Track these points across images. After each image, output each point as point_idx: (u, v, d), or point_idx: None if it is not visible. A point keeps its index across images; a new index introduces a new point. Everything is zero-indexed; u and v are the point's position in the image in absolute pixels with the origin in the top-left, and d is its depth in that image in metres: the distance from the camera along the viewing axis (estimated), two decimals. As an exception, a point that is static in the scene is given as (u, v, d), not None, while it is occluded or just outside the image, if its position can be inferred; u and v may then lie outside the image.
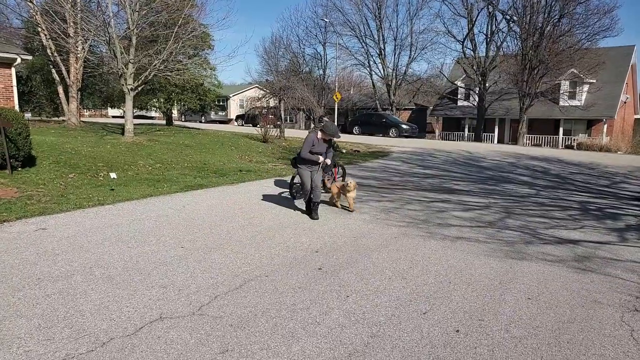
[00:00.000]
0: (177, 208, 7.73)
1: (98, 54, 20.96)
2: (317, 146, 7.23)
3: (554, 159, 18.50)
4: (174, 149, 15.12)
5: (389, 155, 18.36)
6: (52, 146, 11.90)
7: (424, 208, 8.42)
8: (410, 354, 3.30)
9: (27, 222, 6.43)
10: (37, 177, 8.92)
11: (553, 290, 4.56)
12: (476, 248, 5.94)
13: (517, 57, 30.32)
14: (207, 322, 3.68)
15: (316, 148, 7.23)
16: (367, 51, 40.86)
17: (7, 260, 4.88)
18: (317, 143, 7.23)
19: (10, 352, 3.13)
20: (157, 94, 24.71)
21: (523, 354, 3.34)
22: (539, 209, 8.56)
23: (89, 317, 3.69)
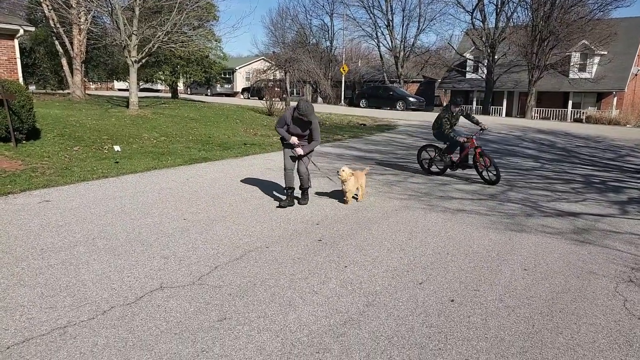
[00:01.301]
0: (180, 181, 7.79)
1: (101, 25, 20.75)
2: (293, 126, 6.28)
3: (561, 132, 18.29)
4: (178, 122, 15.11)
5: (395, 128, 18.24)
6: (56, 119, 11.94)
7: (426, 181, 8.41)
8: (404, 322, 3.36)
9: (31, 194, 6.52)
10: (41, 150, 8.99)
11: (549, 261, 4.58)
12: (476, 220, 5.96)
13: (527, 28, 29.61)
14: (206, 292, 3.76)
15: (292, 128, 6.30)
16: (375, 22, 40.16)
17: (11, 232, 4.98)
18: (290, 121, 6.27)
19: (14, 319, 3.23)
20: (162, 67, 24.51)
21: (516, 322, 3.39)
22: (542, 182, 8.52)
23: (91, 287, 3.77)
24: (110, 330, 3.13)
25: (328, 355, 2.92)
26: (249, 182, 7.83)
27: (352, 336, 3.15)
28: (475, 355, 2.97)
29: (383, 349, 3.01)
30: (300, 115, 6.09)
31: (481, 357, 2.95)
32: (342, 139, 14.51)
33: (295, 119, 6.21)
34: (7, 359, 2.77)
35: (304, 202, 6.61)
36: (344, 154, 11.41)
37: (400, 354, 2.96)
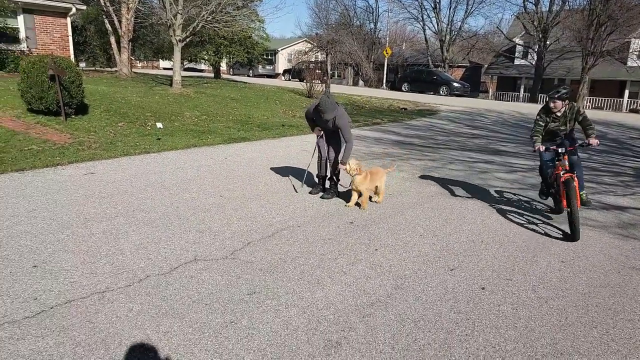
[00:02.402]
0: (219, 159, 7.95)
1: (148, 4, 21.20)
2: (319, 121, 5.78)
3: (614, 123, 17.34)
4: (219, 101, 15.35)
5: (436, 113, 17.84)
6: (103, 95, 12.39)
7: (466, 168, 8.22)
8: (432, 306, 3.34)
9: (78, 166, 6.84)
10: (88, 125, 9.38)
11: (590, 255, 4.41)
12: (515, 210, 5.78)
13: (584, 12, 27.93)
14: (238, 266, 3.85)
15: (318, 122, 5.85)
16: (421, 4, 39.10)
17: (58, 200, 5.25)
18: (316, 116, 5.76)
19: (57, 282, 3.43)
20: (205, 46, 24.86)
21: (547, 314, 3.30)
22: (589, 174, 8.13)
23: (129, 256, 3.94)
24: (144, 297, 3.27)
25: (353, 334, 2.95)
26: (285, 163, 7.90)
27: (379, 317, 3.16)
28: (503, 344, 2.92)
29: (409, 332, 3.01)
30: (320, 111, 5.51)
31: (508, 346, 2.90)
32: (381, 122, 14.34)
33: (317, 116, 5.69)
34: (51, 317, 2.96)
35: (328, 196, 5.99)
36: (382, 138, 11.29)
37: (425, 337, 2.95)
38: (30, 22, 16.58)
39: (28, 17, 16.47)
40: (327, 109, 5.45)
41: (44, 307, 3.07)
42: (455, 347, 2.87)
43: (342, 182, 6.20)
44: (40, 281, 3.41)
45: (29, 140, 7.77)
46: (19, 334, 2.77)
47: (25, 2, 16.09)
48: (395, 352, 2.80)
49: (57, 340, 2.74)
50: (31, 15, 16.50)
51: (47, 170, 6.48)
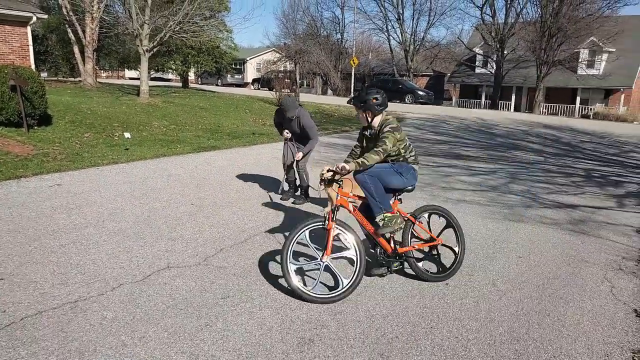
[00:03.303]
0: (189, 168, 7.96)
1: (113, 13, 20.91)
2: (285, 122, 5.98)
3: (567, 128, 18.23)
4: (188, 111, 15.29)
5: (402, 121, 18.24)
6: (68, 106, 12.16)
7: (430, 172, 8.52)
8: (399, 302, 3.51)
9: (43, 178, 6.73)
10: (53, 136, 9.20)
11: (543, 250, 4.71)
12: (476, 210, 6.07)
13: (536, 24, 29.40)
14: (211, 272, 3.93)
15: (285, 124, 6.01)
16: (385, 15, 39.96)
17: (24, 213, 5.18)
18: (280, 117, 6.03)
19: (27, 293, 3.42)
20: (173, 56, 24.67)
21: (506, 305, 3.53)
22: (544, 175, 8.60)
23: (101, 265, 3.96)
24: (118, 305, 3.31)
25: (325, 331, 3.08)
26: (256, 170, 7.99)
27: (349, 314, 3.31)
28: (465, 334, 3.12)
29: (378, 327, 3.17)
30: (283, 110, 5.76)
31: (470, 335, 3.10)
32: (350, 130, 14.62)
33: (282, 117, 5.90)
34: (21, 328, 2.96)
35: (300, 201, 6.15)
36: (351, 145, 11.50)
37: (393, 331, 3.12)
38: (-13, 32, 16.07)
39: (-15, 26, 15.96)
40: (289, 107, 5.74)
41: (13, 318, 3.07)
42: (421, 339, 3.04)
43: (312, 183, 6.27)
44: (8, 294, 3.39)
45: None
46: (-8, 344, 2.77)
47: (-18, 11, 15.61)
48: (366, 345, 2.95)
49: (30, 350, 2.75)
50: (-12, 24, 16.01)
51: (9, 183, 6.35)
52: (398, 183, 3.80)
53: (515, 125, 18.41)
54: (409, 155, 3.86)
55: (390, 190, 3.83)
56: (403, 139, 3.79)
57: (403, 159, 3.82)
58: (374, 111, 3.79)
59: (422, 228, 4.01)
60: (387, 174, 3.76)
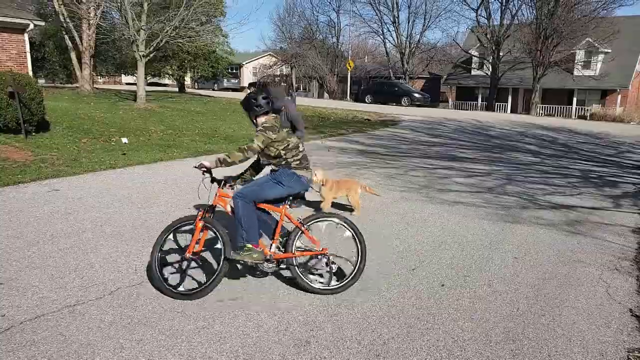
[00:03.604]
0: (186, 172, 7.97)
1: (110, 20, 20.99)
2: None
3: (564, 129, 18.33)
4: (185, 115, 15.32)
5: (399, 123, 18.34)
6: (65, 112, 12.19)
7: (427, 174, 8.56)
8: (395, 303, 3.54)
9: (41, 183, 6.75)
10: (50, 142, 9.22)
11: (539, 250, 4.74)
12: (472, 212, 6.11)
13: (532, 25, 29.54)
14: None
15: None
16: (381, 19, 40.11)
17: (22, 219, 5.20)
18: None
19: (26, 297, 3.44)
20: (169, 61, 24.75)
21: (502, 305, 3.56)
22: (540, 177, 8.65)
23: (99, 269, 3.98)
24: (116, 308, 3.33)
25: (321, 333, 3.10)
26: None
27: (345, 316, 3.33)
28: (461, 334, 3.14)
29: (374, 328, 3.19)
30: None
31: (466, 335, 3.12)
32: (346, 133, 14.66)
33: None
34: (20, 332, 2.98)
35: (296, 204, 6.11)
36: (347, 148, 11.56)
37: (389, 332, 3.14)
38: (-15, 39, 16.11)
39: (-18, 33, 16.00)
40: (277, 95, 5.47)
41: (12, 322, 3.09)
42: (417, 340, 3.07)
43: None
44: (7, 298, 3.41)
45: (-12, 159, 7.60)
46: (-10, 348, 2.79)
47: (-22, 18, 15.65)
48: (362, 346, 2.97)
49: (29, 353, 2.77)
50: (-15, 31, 16.04)
51: (8, 189, 6.37)
52: (278, 194, 3.75)
53: (511, 126, 18.50)
54: (291, 158, 3.77)
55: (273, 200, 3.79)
56: (282, 140, 3.73)
57: (285, 162, 3.76)
58: (255, 113, 3.82)
59: (308, 237, 3.75)
60: (264, 189, 3.75)
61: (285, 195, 3.78)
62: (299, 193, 3.86)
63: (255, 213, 3.70)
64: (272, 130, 3.68)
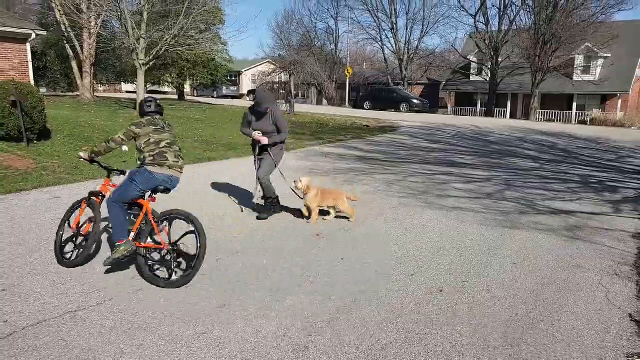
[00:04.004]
0: (185, 179, 7.97)
1: (110, 29, 21.16)
2: (255, 123, 5.70)
3: (564, 134, 18.38)
4: (185, 123, 15.39)
5: (397, 130, 18.40)
6: (66, 120, 12.25)
7: (425, 180, 8.59)
8: (394, 309, 3.56)
9: (43, 191, 6.78)
10: (52, 150, 9.27)
11: (538, 256, 4.76)
12: (471, 217, 6.13)
13: (530, 31, 29.69)
14: (208, 281, 3.97)
15: (254, 124, 5.69)
16: (379, 25, 40.32)
17: (24, 225, 5.23)
18: (252, 118, 5.73)
19: (28, 304, 3.46)
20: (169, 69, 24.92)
21: (500, 311, 3.57)
22: (540, 182, 8.67)
23: (100, 275, 4.00)
24: (117, 314, 3.35)
25: (320, 338, 3.12)
26: (251, 180, 8.02)
27: (344, 321, 3.35)
28: (459, 339, 3.16)
29: (372, 333, 3.21)
30: (255, 105, 5.50)
31: (464, 341, 3.14)
32: (344, 139, 14.71)
33: (255, 113, 5.62)
34: (23, 338, 3.00)
35: (264, 216, 5.80)
36: (346, 154, 11.61)
37: (387, 337, 3.16)
38: (-13, 48, 16.22)
39: (-16, 43, 16.13)
40: (263, 99, 5.55)
41: (15, 328, 3.11)
42: (415, 345, 3.08)
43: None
44: (9, 304, 3.43)
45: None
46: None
47: (-19, 28, 15.77)
48: (360, 352, 2.99)
49: (31, 359, 2.79)
50: (-12, 41, 16.17)
51: (10, 196, 6.40)
52: (133, 192, 4.03)
53: (510, 132, 18.56)
54: (147, 153, 4.07)
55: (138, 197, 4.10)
56: (146, 135, 4.10)
57: (143, 156, 4.09)
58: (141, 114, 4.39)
59: (156, 230, 4.00)
60: (124, 189, 4.04)
61: (142, 191, 4.06)
62: (157, 188, 4.12)
63: (122, 211, 4.02)
64: (137, 125, 4.15)
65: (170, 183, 4.23)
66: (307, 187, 5.65)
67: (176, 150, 4.30)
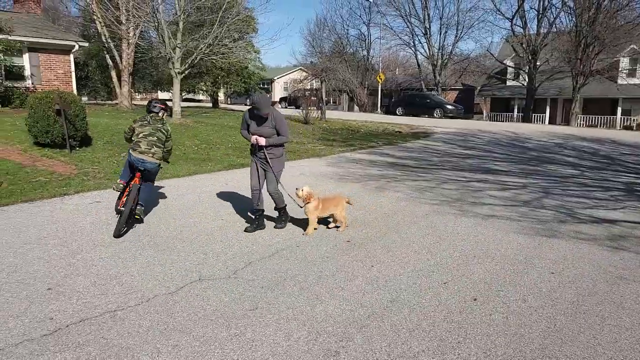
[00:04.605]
0: (219, 184, 8.17)
1: (148, 39, 21.86)
2: (255, 125, 5.42)
3: (607, 140, 17.69)
4: (218, 130, 15.69)
5: (430, 135, 18.19)
6: (106, 127, 12.72)
7: (459, 187, 8.45)
8: (426, 317, 3.51)
9: (84, 195, 7.06)
10: (92, 156, 9.64)
11: (579, 266, 4.59)
12: (507, 226, 5.98)
13: (571, 33, 28.78)
14: (240, 284, 4.04)
15: (254, 127, 5.41)
16: (412, 31, 40.13)
17: (67, 228, 5.45)
18: (251, 121, 5.44)
19: (71, 302, 3.61)
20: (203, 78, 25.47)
21: (537, 321, 3.47)
22: (580, 190, 8.38)
23: (137, 277, 4.13)
24: (153, 315, 3.45)
25: (351, 344, 3.11)
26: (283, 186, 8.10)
27: (375, 328, 3.33)
28: (494, 349, 3.09)
29: (404, 340, 3.17)
30: (256, 108, 5.22)
31: (499, 351, 3.06)
32: (376, 145, 14.65)
33: (254, 116, 5.38)
34: (67, 334, 3.13)
35: (280, 225, 5.71)
36: (377, 161, 11.56)
37: (419, 345, 3.12)
38: (35, 60, 17.12)
39: (33, 55, 17.03)
40: (262, 103, 5.18)
41: (59, 325, 3.25)
42: (448, 353, 3.03)
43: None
44: (54, 302, 3.59)
45: (37, 172, 8.01)
46: (38, 350, 2.94)
47: (30, 41, 16.63)
48: (391, 358, 2.96)
49: (74, 355, 2.91)
50: (36, 53, 17.07)
51: (55, 200, 6.70)
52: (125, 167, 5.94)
53: (548, 138, 18.02)
54: (134, 142, 5.73)
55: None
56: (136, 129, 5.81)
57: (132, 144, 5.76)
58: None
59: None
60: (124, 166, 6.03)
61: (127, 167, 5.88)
62: (136, 167, 5.65)
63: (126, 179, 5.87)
64: (134, 121, 5.92)
65: (142, 164, 5.60)
66: (308, 197, 5.43)
67: (151, 140, 5.72)
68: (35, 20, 19.20)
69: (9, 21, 15.95)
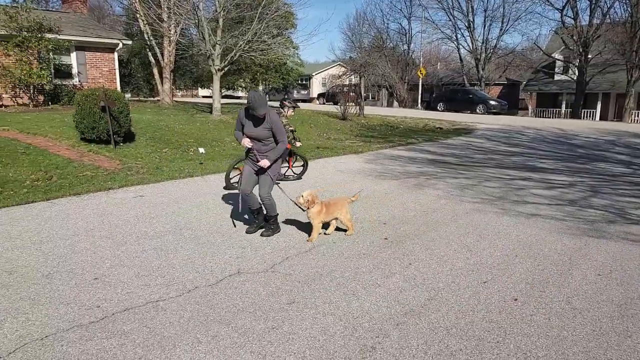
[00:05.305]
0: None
1: (188, 36, 22.40)
2: (250, 126, 5.04)
3: (661, 136, 16.74)
4: (257, 126, 15.90)
5: (473, 132, 17.77)
6: (148, 123, 13.14)
7: (502, 185, 8.22)
8: (464, 316, 3.45)
9: (128, 190, 7.34)
10: (135, 151, 10.00)
11: (627, 268, 4.38)
12: (551, 225, 5.78)
13: (626, 24, 27.31)
14: (277, 278, 4.09)
15: (249, 128, 5.05)
16: (454, 24, 39.28)
17: (112, 221, 5.69)
18: (246, 122, 5.06)
19: (116, 292, 3.77)
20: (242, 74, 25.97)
21: (581, 324, 3.34)
22: (631, 189, 7.98)
23: (178, 269, 4.26)
24: (194, 306, 3.55)
25: (387, 340, 3.10)
26: (321, 182, 8.15)
27: (412, 325, 3.31)
28: (534, 350, 3.00)
29: (441, 339, 3.13)
30: (250, 109, 4.86)
31: (540, 352, 2.97)
32: (416, 142, 14.45)
33: (251, 117, 5.00)
34: (113, 322, 3.28)
35: (268, 233, 5.24)
36: (417, 157, 11.41)
37: (457, 344, 3.07)
38: (82, 59, 17.90)
39: (80, 53, 17.81)
40: (258, 104, 4.76)
41: (106, 313, 3.40)
42: (486, 353, 2.97)
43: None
44: (101, 291, 3.76)
45: (83, 167, 8.40)
46: (87, 336, 3.09)
47: (78, 40, 17.38)
48: (428, 356, 2.93)
49: (120, 341, 3.04)
50: (83, 52, 17.84)
51: (100, 194, 7.00)
52: None
53: (598, 135, 17.24)
54: None
55: None
56: None
57: None
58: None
59: None
60: None
61: None
62: None
63: None
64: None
65: None
66: (310, 201, 5.04)
67: None
68: (82, 20, 20.07)
69: (58, 21, 16.73)
